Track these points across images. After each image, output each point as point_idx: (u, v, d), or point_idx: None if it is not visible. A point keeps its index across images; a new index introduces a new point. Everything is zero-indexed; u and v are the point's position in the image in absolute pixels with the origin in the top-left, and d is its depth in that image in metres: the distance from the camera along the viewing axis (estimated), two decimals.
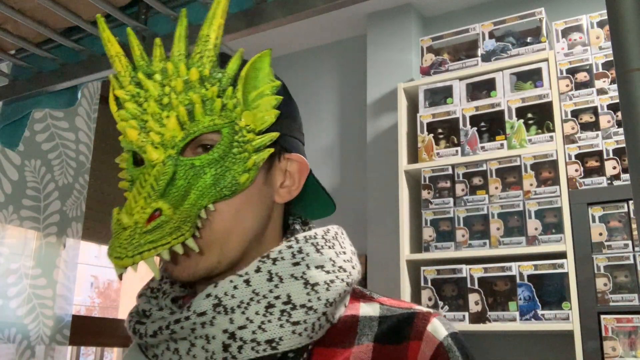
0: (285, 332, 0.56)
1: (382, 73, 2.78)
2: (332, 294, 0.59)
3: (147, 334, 0.59)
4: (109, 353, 3.29)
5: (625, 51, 0.45)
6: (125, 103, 0.59)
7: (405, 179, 2.40)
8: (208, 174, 0.58)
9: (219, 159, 0.59)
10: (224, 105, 0.60)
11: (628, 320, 1.87)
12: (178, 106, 0.58)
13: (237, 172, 0.59)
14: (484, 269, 2.15)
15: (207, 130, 0.59)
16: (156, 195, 0.56)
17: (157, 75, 0.59)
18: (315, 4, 0.74)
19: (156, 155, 0.58)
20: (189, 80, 0.59)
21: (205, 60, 0.60)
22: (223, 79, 0.60)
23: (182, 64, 0.59)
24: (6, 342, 1.76)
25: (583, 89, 2.18)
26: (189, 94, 0.58)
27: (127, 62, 0.61)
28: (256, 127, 0.61)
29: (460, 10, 2.81)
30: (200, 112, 0.58)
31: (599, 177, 2.06)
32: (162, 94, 0.59)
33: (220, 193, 0.58)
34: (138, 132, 0.58)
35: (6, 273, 1.80)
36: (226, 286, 0.58)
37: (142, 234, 0.53)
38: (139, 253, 0.52)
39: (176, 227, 0.54)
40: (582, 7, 2.43)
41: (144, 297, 0.67)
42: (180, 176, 0.58)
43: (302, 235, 0.63)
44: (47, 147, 1.99)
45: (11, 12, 0.81)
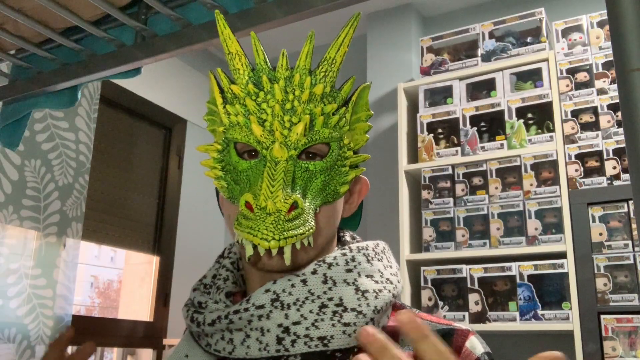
0: (337, 331, 0.60)
1: (382, 73, 2.78)
2: (380, 302, 0.63)
3: (205, 322, 0.63)
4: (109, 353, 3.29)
5: (625, 51, 0.45)
6: (245, 99, 0.65)
7: (405, 179, 2.40)
8: (319, 179, 0.65)
9: (328, 168, 0.66)
10: (338, 122, 0.67)
11: (628, 320, 1.87)
12: (303, 114, 0.64)
13: (338, 182, 0.67)
14: (484, 269, 2.15)
15: (324, 140, 0.66)
16: (288, 188, 0.62)
17: (282, 81, 0.65)
18: (315, 4, 0.74)
19: (281, 153, 0.63)
20: (314, 93, 0.66)
21: (328, 80, 0.67)
22: (338, 98, 0.68)
23: (308, 77, 0.66)
24: (6, 342, 1.76)
25: (583, 89, 2.18)
26: (310, 105, 0.65)
27: (247, 62, 0.67)
28: (353, 146, 0.69)
29: (460, 10, 2.81)
30: (320, 123, 0.65)
31: (599, 177, 2.06)
32: (286, 99, 0.65)
33: (326, 198, 0.66)
34: (262, 129, 0.64)
35: (6, 273, 1.80)
36: (284, 284, 0.62)
37: (286, 221, 0.59)
38: (284, 238, 0.58)
39: (306, 220, 0.61)
40: (582, 7, 2.43)
41: (198, 292, 0.71)
42: (298, 176, 0.64)
43: (355, 246, 0.68)
44: (47, 147, 1.99)
45: (11, 12, 0.81)
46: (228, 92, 0.67)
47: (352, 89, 0.70)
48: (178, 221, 2.88)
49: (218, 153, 0.68)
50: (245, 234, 0.59)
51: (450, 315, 2.17)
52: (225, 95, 0.68)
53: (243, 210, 0.61)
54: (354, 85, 0.70)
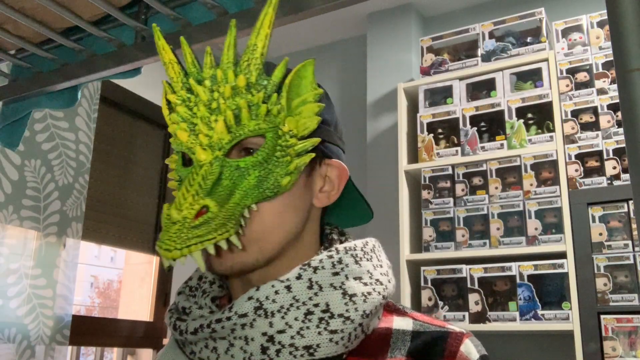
0: (323, 339, 0.58)
1: (382, 73, 2.78)
2: (368, 306, 0.61)
3: (187, 331, 0.61)
4: (109, 353, 3.29)
5: (625, 51, 0.45)
6: (176, 107, 0.63)
7: (405, 179, 2.40)
8: (252, 175, 0.61)
9: (263, 162, 0.62)
10: (268, 110, 0.62)
11: (628, 320, 1.87)
12: (226, 110, 0.61)
13: (279, 174, 0.62)
14: (484, 269, 2.15)
15: (253, 133, 0.61)
16: (203, 193, 0.58)
17: (207, 81, 0.62)
18: (315, 4, 0.74)
19: (204, 156, 0.61)
20: (237, 86, 0.62)
21: (252, 68, 0.62)
22: (268, 85, 0.63)
23: (231, 71, 0.62)
24: (6, 342, 1.76)
25: (583, 89, 2.18)
26: (236, 99, 0.62)
27: (179, 69, 0.64)
28: (299, 132, 0.63)
29: (460, 10, 2.81)
30: (246, 116, 0.61)
31: (599, 177, 2.06)
32: (211, 99, 0.62)
33: (263, 194, 0.61)
34: (188, 134, 0.62)
35: (6, 273, 1.80)
36: (268, 290, 0.60)
37: (190, 228, 0.56)
38: (186, 246, 0.55)
39: (222, 224, 0.57)
40: (582, 7, 2.43)
41: (183, 295, 0.69)
42: (226, 176, 0.61)
43: (343, 246, 0.65)
44: (47, 147, 1.99)
45: (11, 12, 0.81)
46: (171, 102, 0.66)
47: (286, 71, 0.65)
48: None
49: (175, 164, 0.67)
50: (157, 246, 0.57)
51: (450, 315, 2.17)
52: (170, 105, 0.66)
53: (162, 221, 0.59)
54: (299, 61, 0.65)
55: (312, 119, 0.64)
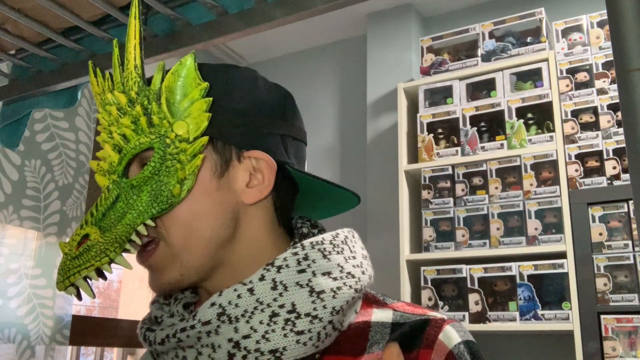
0: (289, 341, 0.55)
1: (382, 73, 2.78)
2: (338, 302, 0.58)
3: (155, 342, 0.60)
4: (109, 353, 3.29)
5: (625, 51, 0.45)
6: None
7: (405, 179, 2.40)
8: (145, 192, 0.60)
9: (153, 175, 0.60)
10: (150, 122, 0.60)
11: (628, 320, 1.87)
12: (114, 133, 0.61)
13: (171, 184, 0.59)
14: (484, 269, 2.15)
15: (136, 150, 0.60)
16: (93, 220, 0.59)
17: (108, 106, 0.62)
18: (315, 4, 0.74)
19: (102, 182, 0.61)
20: (120, 106, 0.61)
21: (130, 83, 0.61)
22: (150, 96, 0.60)
23: (118, 91, 0.61)
24: (6, 342, 1.76)
25: (583, 89, 2.18)
26: (122, 119, 0.61)
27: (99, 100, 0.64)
28: (190, 135, 0.60)
29: (460, 10, 2.81)
30: (130, 133, 0.60)
31: (599, 177, 2.06)
32: (109, 123, 0.62)
33: (158, 209, 0.59)
34: (97, 162, 0.63)
35: (6, 273, 1.80)
36: (230, 295, 0.57)
37: (72, 259, 0.58)
38: (67, 277, 0.57)
39: (102, 250, 0.57)
40: (582, 7, 2.43)
41: (156, 304, 0.67)
42: (122, 198, 0.60)
43: (309, 241, 0.61)
44: (47, 147, 1.99)
45: (11, 12, 0.81)
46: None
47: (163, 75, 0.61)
48: None
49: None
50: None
51: (450, 315, 2.16)
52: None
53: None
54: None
55: (202, 116, 0.60)
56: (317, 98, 3.11)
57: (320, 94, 3.10)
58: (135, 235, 0.59)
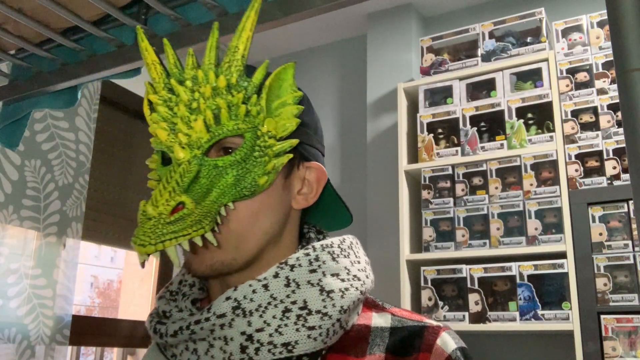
0: (301, 336, 0.58)
1: (382, 73, 2.78)
2: (346, 302, 0.61)
3: (167, 334, 0.62)
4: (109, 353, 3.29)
5: (625, 51, 0.45)
6: (157, 107, 0.64)
7: (405, 179, 2.40)
8: (230, 174, 0.62)
9: (241, 161, 0.62)
10: (248, 111, 0.63)
11: (628, 320, 1.87)
12: (205, 110, 0.62)
13: (257, 174, 0.62)
14: (484, 269, 2.15)
15: (231, 133, 0.62)
16: (180, 190, 0.59)
17: (188, 82, 0.63)
18: (315, 4, 0.74)
19: (183, 155, 0.61)
20: (217, 87, 0.63)
21: (233, 70, 0.63)
22: (249, 87, 0.64)
23: (212, 72, 0.63)
24: (6, 342, 1.76)
25: (583, 89, 2.18)
26: (216, 99, 0.62)
27: (162, 69, 0.65)
28: (277, 133, 0.64)
29: (460, 10, 2.81)
30: (225, 116, 0.62)
31: (599, 177, 2.06)
32: (192, 99, 0.62)
33: (240, 193, 0.62)
34: (167, 133, 0.62)
35: (6, 273, 1.80)
36: (245, 290, 0.60)
37: (166, 224, 0.57)
38: (161, 241, 0.56)
39: (197, 221, 0.57)
40: (582, 7, 2.43)
41: (163, 300, 0.69)
42: (203, 175, 0.61)
43: (319, 244, 0.65)
44: (47, 147, 1.99)
45: (11, 12, 0.81)
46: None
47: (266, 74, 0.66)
48: None
49: (155, 164, 0.68)
50: (132, 242, 0.57)
51: (450, 315, 2.17)
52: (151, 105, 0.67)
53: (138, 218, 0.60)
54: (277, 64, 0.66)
55: (291, 120, 0.65)
56: (317, 98, 3.10)
57: (320, 94, 3.10)
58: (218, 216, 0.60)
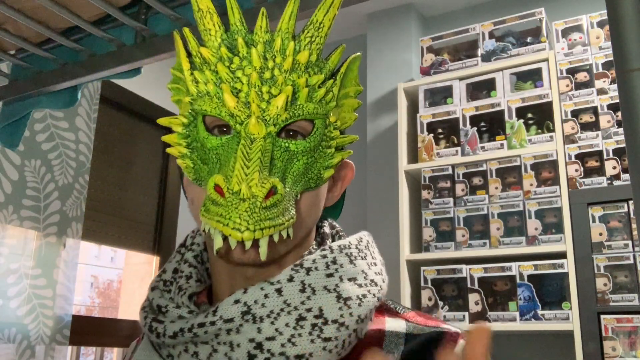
0: (316, 347, 0.53)
1: (382, 73, 2.78)
2: (364, 310, 0.57)
3: (165, 334, 0.57)
4: (109, 353, 3.29)
5: (625, 51, 0.45)
6: (215, 65, 0.56)
7: (405, 179, 2.40)
8: (301, 162, 0.56)
9: (312, 149, 0.57)
10: (324, 96, 0.58)
11: (628, 320, 1.87)
12: (284, 85, 0.55)
13: (322, 166, 0.58)
14: (484, 269, 2.15)
15: (309, 117, 0.56)
16: (266, 171, 0.53)
17: (260, 46, 0.56)
18: (315, 4, 0.74)
19: (258, 129, 0.54)
20: (297, 61, 0.56)
21: (314, 47, 0.57)
22: (324, 69, 0.58)
23: (291, 42, 0.56)
24: (6, 342, 1.76)
25: (583, 89, 2.18)
26: (293, 75, 0.56)
27: (219, 21, 0.58)
28: (340, 125, 0.60)
29: (460, 10, 2.81)
30: (304, 96, 0.56)
31: (599, 177, 2.06)
32: (264, 67, 0.56)
33: (308, 184, 0.57)
34: (235, 100, 0.55)
35: (6, 273, 1.80)
36: (257, 293, 0.55)
37: (262, 209, 0.50)
38: (260, 228, 0.50)
39: (287, 208, 0.53)
40: (582, 7, 2.43)
41: (157, 291, 0.64)
42: (277, 157, 0.55)
43: (337, 245, 0.60)
44: (47, 147, 1.99)
45: (11, 12, 0.81)
46: (197, 57, 0.58)
47: (341, 60, 0.60)
48: (178, 221, 2.88)
49: (183, 127, 0.59)
50: (214, 222, 0.50)
51: (450, 315, 2.17)
52: (193, 59, 0.59)
53: (212, 194, 0.52)
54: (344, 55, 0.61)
55: (351, 114, 0.61)
56: None
57: None
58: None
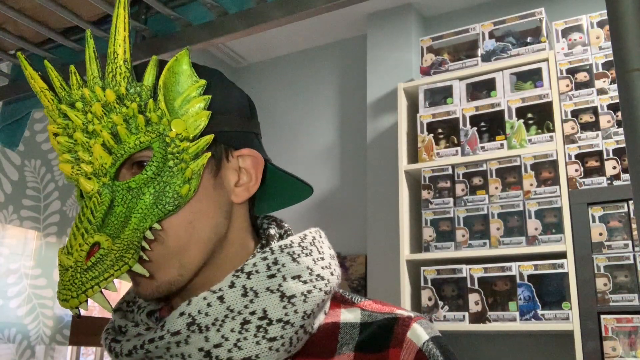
0: (262, 349, 0.54)
1: (382, 73, 2.78)
2: (309, 306, 0.57)
3: (122, 353, 0.58)
4: None
5: (625, 51, 0.45)
6: (57, 137, 0.58)
7: (405, 179, 2.40)
8: (147, 194, 0.56)
9: (155, 176, 0.56)
10: (147, 120, 0.57)
11: (628, 320, 1.87)
12: (102, 131, 0.56)
13: (177, 184, 0.57)
14: (484, 269, 2.15)
15: (135, 150, 0.56)
16: (94, 228, 0.54)
17: (79, 103, 0.57)
18: (315, 4, 0.74)
19: (90, 186, 0.56)
20: (107, 102, 0.56)
21: (118, 79, 0.57)
22: (142, 92, 0.57)
23: (98, 87, 0.57)
24: (6, 342, 1.76)
25: (583, 89, 2.18)
26: (110, 116, 0.56)
27: (52, 95, 0.58)
28: (189, 133, 0.58)
29: (460, 10, 2.81)
30: (124, 132, 0.56)
31: (599, 177, 2.06)
32: (86, 121, 0.57)
33: (164, 210, 0.56)
34: (72, 165, 0.57)
35: (6, 273, 1.80)
36: (200, 304, 0.56)
37: (84, 271, 0.52)
38: (83, 292, 0.51)
39: (118, 257, 0.53)
40: (582, 7, 2.43)
41: (119, 312, 0.65)
42: (118, 202, 0.56)
43: (278, 245, 0.60)
44: (47, 147, 1.99)
45: (11, 12, 0.81)
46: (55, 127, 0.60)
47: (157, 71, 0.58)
48: None
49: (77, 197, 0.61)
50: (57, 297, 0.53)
51: (450, 315, 2.17)
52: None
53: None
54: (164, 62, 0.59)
55: (201, 114, 0.59)
56: (317, 98, 3.11)
57: (320, 94, 3.10)
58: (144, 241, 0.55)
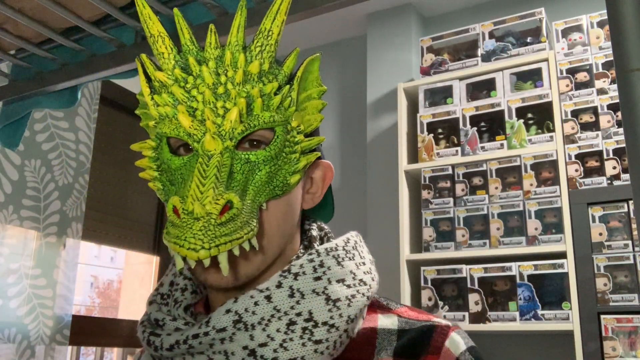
0: (308, 350, 0.54)
1: (382, 73, 2.78)
2: (353, 310, 0.58)
3: (163, 347, 0.58)
4: (109, 353, 3.29)
5: (625, 51, 0.45)
6: (171, 87, 0.57)
7: (405, 179, 2.40)
8: (263, 171, 0.57)
9: (274, 157, 0.57)
10: (281, 102, 0.58)
11: (628, 320, 1.87)
12: (237, 97, 0.56)
13: (288, 172, 0.58)
14: (484, 269, 2.15)
15: (266, 125, 0.57)
16: (222, 186, 0.53)
17: (212, 62, 0.57)
18: (315, 4, 0.74)
19: (214, 145, 0.55)
20: (249, 72, 0.57)
21: (265, 55, 0.58)
22: (279, 75, 0.59)
23: (241, 55, 0.57)
24: (6, 342, 1.76)
25: (583, 89, 2.18)
26: (246, 86, 0.57)
27: (171, 44, 0.59)
28: (304, 129, 0.60)
29: (460, 10, 2.81)
30: (259, 106, 0.57)
31: (599, 177, 2.06)
32: (217, 82, 0.57)
33: (273, 192, 0.57)
34: (192, 120, 0.56)
35: (6, 273, 1.80)
36: (247, 302, 0.56)
37: (217, 226, 0.51)
38: (215, 245, 0.50)
39: (246, 222, 0.53)
40: (582, 7, 2.43)
41: (154, 305, 0.65)
42: (237, 170, 0.56)
43: (323, 248, 0.61)
44: (47, 147, 1.99)
45: (11, 12, 0.81)
46: (155, 81, 0.59)
47: (297, 63, 0.61)
48: None
49: (152, 150, 0.61)
50: (172, 244, 0.51)
51: (450, 315, 2.17)
52: (152, 84, 0.60)
53: (170, 216, 0.53)
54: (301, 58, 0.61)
55: (316, 116, 0.62)
56: None
57: None
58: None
